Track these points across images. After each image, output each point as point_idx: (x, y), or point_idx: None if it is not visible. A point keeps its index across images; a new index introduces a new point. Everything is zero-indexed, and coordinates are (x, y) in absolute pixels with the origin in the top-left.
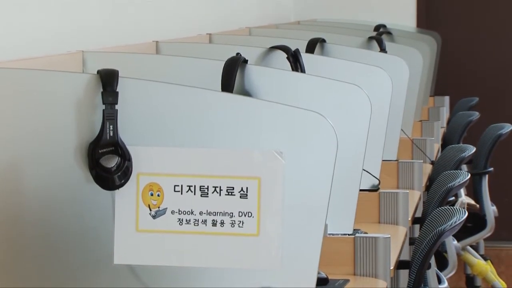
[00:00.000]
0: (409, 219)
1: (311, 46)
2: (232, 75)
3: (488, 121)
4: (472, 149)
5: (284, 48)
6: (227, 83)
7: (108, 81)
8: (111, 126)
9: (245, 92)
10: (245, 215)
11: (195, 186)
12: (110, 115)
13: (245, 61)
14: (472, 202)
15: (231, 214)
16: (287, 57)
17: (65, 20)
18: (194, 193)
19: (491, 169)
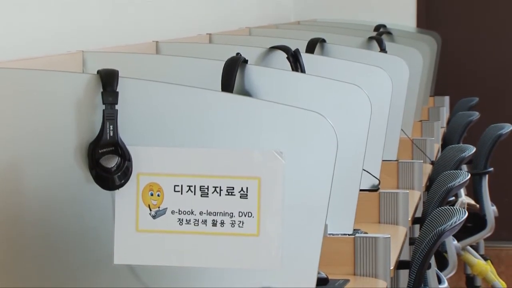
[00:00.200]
0: (409, 219)
1: (311, 46)
2: (232, 75)
3: (488, 121)
4: (472, 149)
5: (284, 48)
6: (227, 83)
7: (108, 81)
8: (111, 126)
9: (245, 92)
10: (245, 215)
11: (195, 186)
12: (110, 115)
13: (245, 61)
14: (472, 202)
15: (231, 214)
16: (287, 57)
17: (65, 20)
18: (194, 193)
19: (491, 169)
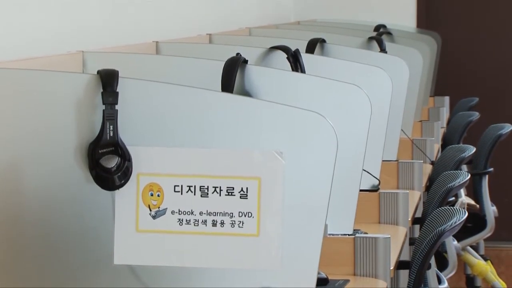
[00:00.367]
0: (409, 219)
1: (311, 46)
2: (232, 75)
3: (488, 121)
4: (472, 149)
5: (284, 48)
6: (227, 83)
7: (108, 81)
8: (111, 126)
9: (245, 92)
10: (245, 215)
11: (195, 186)
12: (110, 115)
13: (245, 61)
14: (472, 202)
15: (231, 214)
16: (287, 57)
17: (65, 20)
18: (194, 193)
19: (491, 169)
